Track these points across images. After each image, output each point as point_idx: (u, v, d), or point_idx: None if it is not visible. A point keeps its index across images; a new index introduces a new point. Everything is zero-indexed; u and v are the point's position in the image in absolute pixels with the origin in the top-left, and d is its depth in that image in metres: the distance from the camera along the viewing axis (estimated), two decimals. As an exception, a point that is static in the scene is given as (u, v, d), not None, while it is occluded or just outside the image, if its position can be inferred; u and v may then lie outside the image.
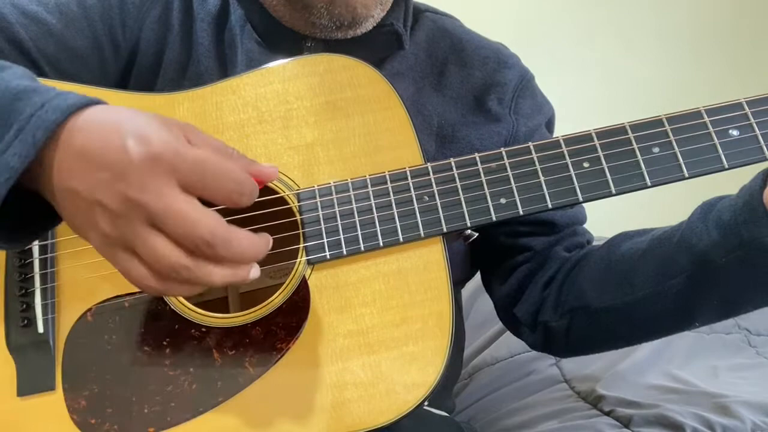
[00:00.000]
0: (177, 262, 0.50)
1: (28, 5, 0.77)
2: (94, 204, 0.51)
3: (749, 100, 0.69)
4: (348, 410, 0.66)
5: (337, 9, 0.80)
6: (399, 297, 0.68)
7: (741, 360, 1.30)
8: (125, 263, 0.52)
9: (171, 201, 0.50)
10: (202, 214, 0.50)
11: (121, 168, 0.50)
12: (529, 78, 0.95)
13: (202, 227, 0.50)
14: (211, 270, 0.52)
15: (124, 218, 0.50)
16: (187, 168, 0.50)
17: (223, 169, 0.52)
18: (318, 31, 0.84)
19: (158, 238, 0.50)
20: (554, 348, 0.92)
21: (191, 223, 0.50)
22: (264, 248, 0.54)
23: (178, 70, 0.83)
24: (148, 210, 0.49)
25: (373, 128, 0.73)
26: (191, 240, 0.50)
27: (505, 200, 0.69)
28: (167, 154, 0.50)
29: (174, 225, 0.50)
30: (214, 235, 0.50)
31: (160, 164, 0.50)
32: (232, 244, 0.51)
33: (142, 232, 0.50)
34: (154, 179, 0.49)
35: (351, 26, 0.83)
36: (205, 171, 0.51)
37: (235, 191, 0.52)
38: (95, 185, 0.50)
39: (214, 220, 0.51)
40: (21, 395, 0.67)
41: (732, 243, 0.69)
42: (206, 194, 0.51)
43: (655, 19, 2.31)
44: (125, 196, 0.49)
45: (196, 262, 0.51)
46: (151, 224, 0.50)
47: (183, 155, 0.50)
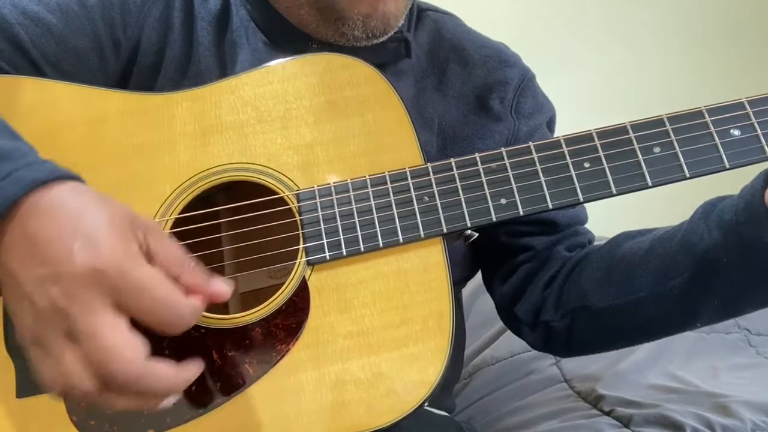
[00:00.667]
0: (80, 386, 0.49)
1: (28, 5, 0.77)
2: (24, 294, 0.50)
3: (750, 99, 0.69)
4: (348, 411, 0.65)
5: (374, 22, 0.79)
6: (399, 298, 0.68)
7: (741, 360, 1.30)
8: (36, 360, 0.51)
9: (95, 322, 0.49)
10: (122, 345, 0.49)
11: (59, 270, 0.49)
12: (530, 77, 0.95)
13: (116, 362, 0.49)
14: (116, 399, 0.51)
15: (45, 321, 0.49)
16: (126, 290, 0.50)
17: (164, 298, 0.51)
18: (345, 40, 0.83)
19: (71, 354, 0.49)
20: (555, 347, 0.92)
21: (106, 353, 0.49)
22: (184, 383, 0.53)
23: (179, 69, 0.83)
24: (70, 323, 0.49)
25: (372, 128, 0.73)
26: (101, 370, 0.49)
27: (505, 200, 0.69)
28: (110, 272, 0.49)
29: (89, 348, 0.49)
30: (125, 373, 0.49)
31: (100, 280, 0.49)
32: (144, 380, 0.50)
33: (58, 342, 0.49)
34: (88, 293, 0.49)
35: (379, 37, 0.82)
36: (145, 298, 0.50)
37: (170, 323, 0.52)
38: (31, 278, 0.50)
39: (132, 353, 0.49)
40: (20, 396, 0.67)
41: (733, 243, 0.69)
42: (140, 319, 0.51)
43: (656, 18, 2.31)
44: (53, 301, 0.49)
45: (101, 389, 0.50)
46: (69, 337, 0.49)
47: (126, 277, 0.50)
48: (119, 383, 0.49)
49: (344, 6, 0.78)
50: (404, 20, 0.87)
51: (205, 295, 0.55)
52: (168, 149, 0.72)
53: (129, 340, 0.50)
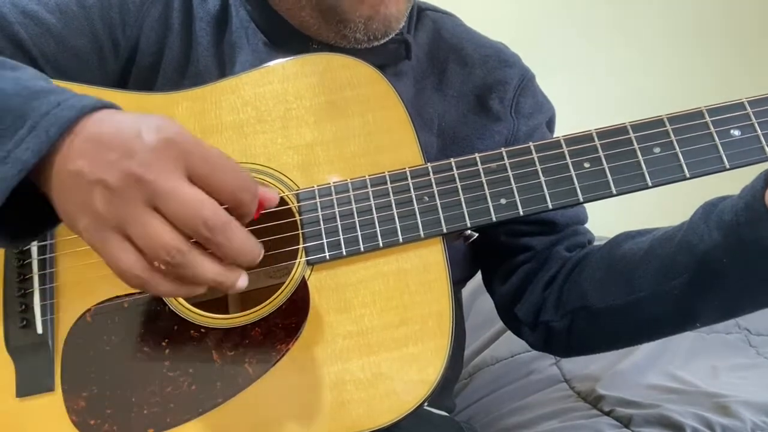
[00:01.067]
0: (170, 243, 0.49)
1: (28, 4, 0.77)
2: (95, 183, 0.50)
3: (751, 99, 0.69)
4: (348, 411, 0.66)
5: (375, 24, 0.80)
6: (399, 297, 0.68)
7: (741, 360, 1.30)
8: (114, 247, 0.51)
9: (175, 183, 0.49)
10: (205, 198, 0.50)
11: (130, 148, 0.49)
12: (530, 77, 0.95)
13: (205, 209, 0.49)
14: (204, 261, 0.51)
15: (124, 196, 0.49)
16: (197, 157, 0.50)
17: (233, 166, 0.51)
18: (346, 42, 0.83)
19: (155, 219, 0.49)
20: (555, 347, 0.92)
21: (193, 204, 0.49)
22: (258, 253, 0.53)
23: (178, 69, 0.83)
24: (152, 188, 0.49)
25: (372, 128, 0.73)
26: (191, 221, 0.49)
27: (505, 200, 0.69)
28: (180, 140, 0.50)
29: (175, 205, 0.49)
30: (215, 218, 0.49)
31: (172, 148, 0.50)
32: (232, 233, 0.50)
33: (139, 211, 0.49)
34: (163, 161, 0.49)
35: (380, 39, 0.82)
36: (216, 163, 0.51)
37: (242, 189, 0.51)
38: (101, 164, 0.50)
39: (217, 205, 0.50)
40: (20, 396, 0.67)
41: (733, 244, 0.69)
42: (213, 187, 0.51)
43: (656, 18, 2.31)
44: (130, 172, 0.49)
45: (190, 247, 0.50)
46: (150, 205, 0.49)
47: (196, 144, 0.50)
48: (211, 229, 0.49)
49: (346, 8, 0.78)
50: (404, 21, 0.88)
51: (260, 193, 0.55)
52: (168, 149, 0.72)
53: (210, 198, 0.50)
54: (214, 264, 0.52)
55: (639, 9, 2.30)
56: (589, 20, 2.29)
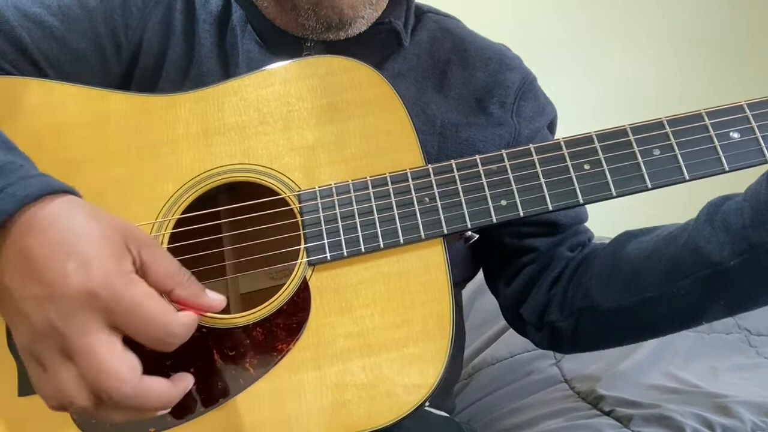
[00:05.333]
0: (77, 403, 0.50)
1: (30, 7, 0.77)
2: (20, 311, 0.51)
3: (750, 102, 0.69)
4: (348, 411, 0.66)
5: (323, 10, 0.80)
6: (399, 298, 0.69)
7: (741, 360, 1.30)
8: (34, 376, 0.52)
9: (90, 341, 0.50)
10: (116, 364, 0.50)
11: (54, 290, 0.50)
12: (532, 80, 0.95)
13: (111, 380, 0.50)
14: (111, 414, 0.52)
15: (41, 339, 0.50)
16: (119, 311, 0.50)
17: (156, 318, 0.52)
18: (308, 32, 0.84)
19: (67, 372, 0.50)
20: (560, 346, 0.92)
21: (102, 371, 0.49)
22: (177, 397, 0.54)
23: (180, 70, 0.84)
24: (66, 342, 0.50)
25: (374, 130, 0.73)
26: (97, 387, 0.50)
27: (505, 202, 0.69)
28: (103, 293, 0.50)
29: (84, 367, 0.50)
30: (120, 391, 0.50)
31: (94, 301, 0.50)
32: (139, 398, 0.51)
33: (54, 360, 0.50)
34: (82, 313, 0.50)
35: (340, 27, 0.83)
36: (137, 318, 0.51)
37: (162, 341, 0.52)
38: (26, 297, 0.51)
39: (126, 371, 0.50)
40: (22, 395, 0.67)
41: (740, 247, 0.70)
42: (133, 337, 0.52)
43: (656, 20, 2.31)
44: (48, 321, 0.50)
45: (96, 405, 0.51)
46: (64, 355, 0.50)
47: (118, 298, 0.50)
48: (114, 401, 0.50)
49: None
50: (401, 14, 0.88)
51: (199, 308, 0.56)
52: (171, 150, 0.72)
53: (123, 359, 0.51)
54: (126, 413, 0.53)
55: (639, 11, 2.30)
56: (590, 22, 2.29)
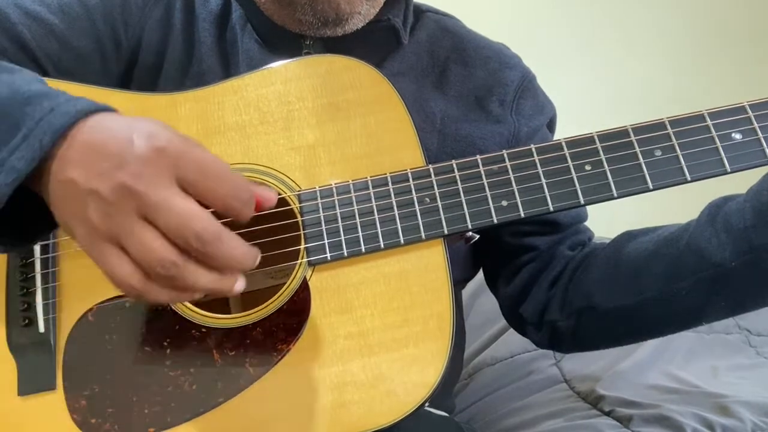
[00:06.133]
0: (165, 257, 0.49)
1: (30, 5, 0.77)
2: (88, 193, 0.50)
3: (752, 103, 0.69)
4: (348, 412, 0.66)
5: (320, 5, 0.80)
6: (400, 298, 0.68)
7: (741, 360, 1.30)
8: (110, 258, 0.50)
9: (166, 194, 0.49)
10: (197, 210, 0.49)
11: (122, 157, 0.49)
12: (531, 78, 0.95)
13: (196, 221, 0.49)
14: (198, 272, 0.51)
15: (116, 207, 0.49)
16: (189, 165, 0.50)
17: (225, 172, 0.51)
18: (306, 28, 0.83)
19: (148, 231, 0.49)
20: (560, 346, 0.92)
21: (185, 216, 0.49)
22: (253, 259, 0.53)
23: (180, 69, 0.83)
24: (142, 200, 0.49)
25: (374, 129, 0.73)
26: (183, 234, 0.49)
27: (506, 202, 0.69)
28: (171, 149, 0.50)
29: (167, 217, 0.49)
30: (206, 231, 0.49)
31: (163, 157, 0.49)
32: (224, 244, 0.50)
33: (132, 223, 0.49)
34: (154, 171, 0.49)
35: (336, 23, 0.82)
36: (207, 171, 0.50)
37: (234, 197, 0.51)
38: (94, 174, 0.50)
39: (208, 217, 0.49)
40: (22, 394, 0.67)
41: (742, 248, 0.70)
42: (205, 195, 0.50)
43: (657, 19, 2.30)
44: (121, 184, 0.49)
45: (184, 259, 0.50)
46: (143, 216, 0.49)
47: (187, 152, 0.50)
48: (203, 242, 0.49)
49: None
50: (399, 12, 0.88)
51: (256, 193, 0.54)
52: (170, 149, 0.72)
53: (202, 208, 0.50)
54: (209, 273, 0.51)
55: (639, 10, 2.30)
56: (590, 20, 2.29)
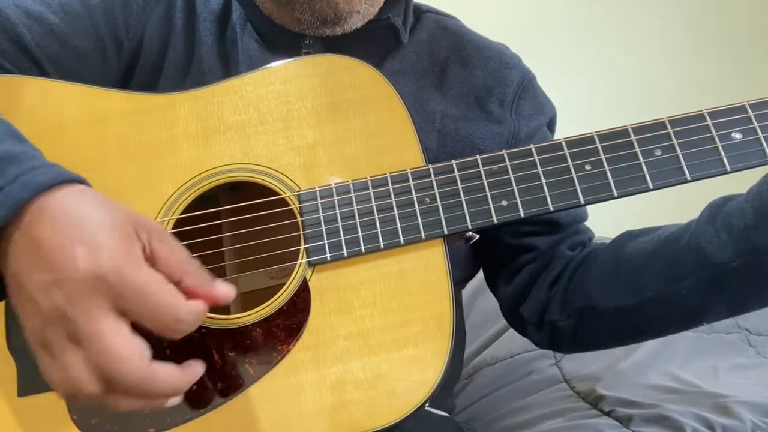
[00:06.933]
0: (85, 389, 0.50)
1: (31, 5, 0.77)
2: (29, 298, 0.51)
3: (752, 103, 0.69)
4: (348, 412, 0.66)
5: (318, 4, 0.80)
6: (400, 299, 0.68)
7: (741, 360, 1.30)
8: (43, 364, 0.52)
9: (97, 326, 0.49)
10: (125, 348, 0.49)
11: (62, 275, 0.50)
12: (531, 78, 0.95)
13: (120, 364, 0.49)
14: (121, 401, 0.52)
15: (50, 325, 0.50)
16: (127, 295, 0.50)
17: (165, 303, 0.51)
18: (305, 27, 0.83)
19: (75, 357, 0.50)
20: (560, 346, 0.92)
21: (110, 356, 0.49)
22: (185, 385, 0.53)
23: (181, 69, 0.83)
24: (74, 327, 0.49)
25: (374, 129, 0.73)
26: (107, 373, 0.49)
27: (506, 202, 0.69)
28: (111, 277, 0.50)
29: (93, 351, 0.49)
30: (129, 376, 0.49)
31: (101, 285, 0.49)
32: (148, 384, 0.50)
33: (62, 345, 0.50)
34: (89, 298, 0.49)
35: (335, 22, 0.82)
36: (145, 302, 0.51)
37: (171, 327, 0.52)
38: (36, 282, 0.50)
39: (135, 356, 0.50)
40: (22, 395, 0.67)
41: (743, 248, 0.69)
42: (142, 323, 0.51)
43: (657, 19, 2.30)
44: (56, 305, 0.49)
45: (105, 392, 0.50)
46: (73, 340, 0.50)
47: (127, 282, 0.50)
48: (123, 386, 0.50)
49: None
50: (399, 11, 0.88)
51: (207, 298, 0.55)
52: (170, 149, 0.72)
53: (132, 344, 0.50)
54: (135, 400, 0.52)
55: (639, 10, 2.30)
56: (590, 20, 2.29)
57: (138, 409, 0.53)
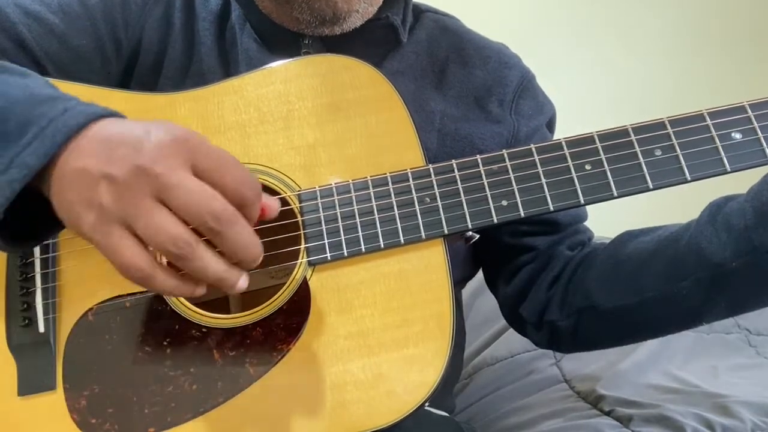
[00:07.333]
0: (179, 234, 0.49)
1: (30, 5, 0.78)
2: (101, 178, 0.50)
3: (752, 103, 0.69)
4: (348, 412, 0.66)
5: (317, 3, 0.80)
6: (400, 298, 0.68)
7: (741, 360, 1.30)
8: (119, 241, 0.50)
9: (183, 175, 0.49)
10: (213, 192, 0.50)
11: (140, 144, 0.50)
12: (530, 78, 0.95)
13: (214, 201, 0.49)
14: (208, 255, 0.51)
15: (130, 188, 0.49)
16: (205, 154, 0.50)
17: (238, 164, 0.52)
18: (304, 26, 0.83)
19: (163, 211, 0.49)
20: (560, 346, 0.92)
21: (203, 196, 0.49)
22: (260, 252, 0.53)
23: (180, 69, 0.84)
24: (159, 181, 0.49)
25: (374, 129, 0.73)
26: (200, 213, 0.49)
27: (506, 202, 0.69)
28: (189, 138, 0.50)
29: (184, 197, 0.49)
30: (225, 211, 0.50)
31: (179, 145, 0.50)
32: (239, 228, 0.50)
33: (147, 203, 0.49)
34: (170, 156, 0.49)
35: (334, 21, 0.82)
36: (221, 161, 0.51)
37: (246, 186, 0.51)
38: (109, 160, 0.50)
39: (223, 199, 0.50)
40: (22, 395, 0.67)
41: (743, 248, 0.70)
42: (218, 183, 0.51)
43: (657, 19, 2.30)
44: (137, 166, 0.49)
45: (197, 239, 0.50)
46: (158, 197, 0.49)
47: (204, 143, 0.51)
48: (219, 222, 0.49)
49: None
50: (399, 10, 0.88)
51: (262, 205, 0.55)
52: (170, 149, 0.72)
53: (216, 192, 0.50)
54: (219, 260, 0.52)
55: (639, 9, 2.30)
56: (590, 20, 2.29)
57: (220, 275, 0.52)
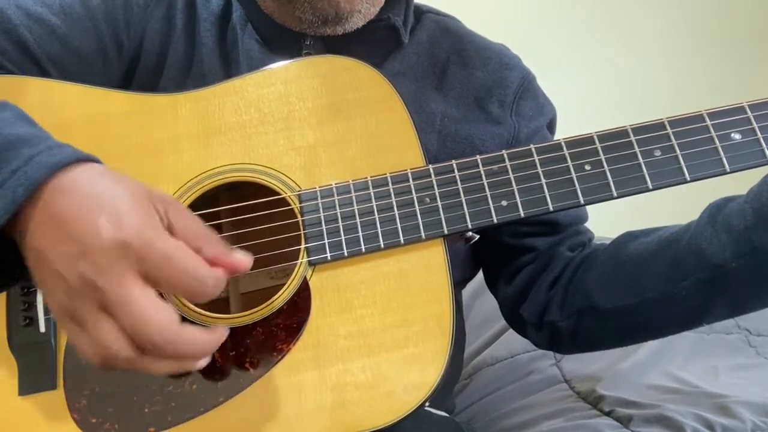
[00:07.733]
0: (119, 354, 0.50)
1: (32, 6, 0.78)
2: (54, 272, 0.51)
3: (751, 103, 0.69)
4: (348, 411, 0.66)
5: (320, 3, 0.80)
6: (400, 298, 0.69)
7: (741, 360, 1.30)
8: (73, 335, 0.52)
9: (127, 292, 0.50)
10: (154, 312, 0.50)
11: (87, 246, 0.50)
12: (531, 79, 0.95)
13: (152, 326, 0.50)
14: (154, 364, 0.52)
15: (78, 296, 0.50)
16: (152, 261, 0.50)
17: (189, 266, 0.52)
18: (306, 26, 0.84)
19: (106, 324, 0.50)
20: (560, 346, 0.92)
21: (142, 320, 0.50)
22: (214, 346, 0.54)
23: (181, 70, 0.84)
24: (103, 295, 0.50)
25: (374, 130, 0.73)
26: (139, 337, 0.50)
27: (506, 202, 0.69)
28: (136, 243, 0.50)
29: (124, 317, 0.50)
30: (161, 336, 0.50)
31: (127, 252, 0.50)
32: (179, 345, 0.51)
33: (92, 315, 0.50)
34: (116, 266, 0.50)
35: (336, 21, 0.82)
36: (170, 267, 0.51)
37: (195, 291, 0.52)
38: (60, 255, 0.51)
39: (165, 318, 0.50)
40: (22, 394, 0.67)
41: (743, 249, 0.70)
42: (166, 287, 0.52)
43: (657, 19, 2.30)
44: (83, 276, 0.50)
45: (139, 355, 0.51)
46: (102, 309, 0.50)
47: (151, 247, 0.50)
48: (156, 347, 0.50)
49: None
50: (400, 11, 0.88)
51: (226, 266, 0.55)
52: (171, 149, 0.72)
53: (161, 307, 0.51)
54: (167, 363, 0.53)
55: (639, 9, 2.30)
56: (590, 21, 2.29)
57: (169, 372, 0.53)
